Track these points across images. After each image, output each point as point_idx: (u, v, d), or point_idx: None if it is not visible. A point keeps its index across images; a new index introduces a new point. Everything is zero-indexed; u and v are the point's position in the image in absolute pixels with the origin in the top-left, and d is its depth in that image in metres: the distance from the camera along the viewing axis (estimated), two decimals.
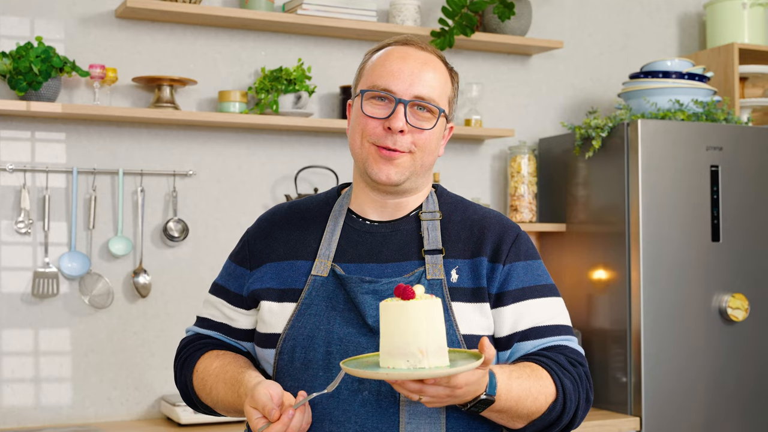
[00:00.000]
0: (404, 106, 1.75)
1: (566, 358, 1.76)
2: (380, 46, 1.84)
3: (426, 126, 1.77)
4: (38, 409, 3.21)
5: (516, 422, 1.70)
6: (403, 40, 1.83)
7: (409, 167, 1.78)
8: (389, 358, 1.51)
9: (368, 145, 1.77)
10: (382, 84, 1.76)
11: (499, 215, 1.88)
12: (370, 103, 1.78)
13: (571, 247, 3.79)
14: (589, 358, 3.64)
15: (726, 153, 3.60)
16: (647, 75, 3.75)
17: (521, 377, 1.67)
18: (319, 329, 1.72)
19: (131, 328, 3.32)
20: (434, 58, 1.81)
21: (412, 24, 3.66)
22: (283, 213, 1.90)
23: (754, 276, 3.61)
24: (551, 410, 1.70)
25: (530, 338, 1.77)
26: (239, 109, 3.40)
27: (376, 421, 1.67)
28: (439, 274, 1.75)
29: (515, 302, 1.77)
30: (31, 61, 3.07)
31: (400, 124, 1.74)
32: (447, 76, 1.83)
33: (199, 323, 1.95)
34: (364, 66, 1.84)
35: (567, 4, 4.15)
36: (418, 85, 1.76)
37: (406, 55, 1.79)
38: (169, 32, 3.43)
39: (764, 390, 3.61)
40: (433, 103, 1.77)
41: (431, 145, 1.79)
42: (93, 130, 3.32)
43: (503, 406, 1.64)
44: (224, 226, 3.47)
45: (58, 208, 3.26)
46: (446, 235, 1.81)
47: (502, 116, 3.99)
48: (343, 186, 1.94)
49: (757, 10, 4.13)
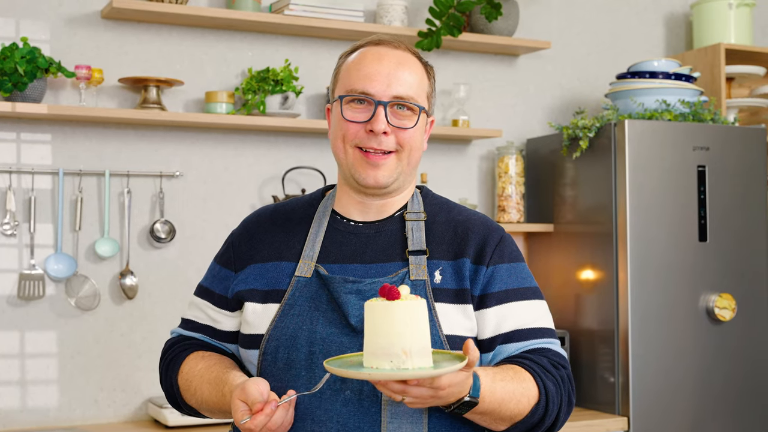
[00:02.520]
0: (384, 107, 1.75)
1: (549, 360, 1.76)
2: (353, 48, 1.84)
3: (408, 124, 1.77)
4: (24, 412, 3.19)
5: (499, 424, 1.70)
6: (375, 40, 1.83)
7: (395, 168, 1.78)
8: (373, 359, 1.51)
9: (352, 149, 1.78)
10: (359, 87, 1.76)
11: (484, 217, 1.88)
12: (349, 108, 1.78)
13: (559, 248, 3.80)
14: (577, 358, 3.65)
15: (713, 153, 3.60)
16: (634, 75, 3.75)
17: (505, 379, 1.67)
18: (302, 329, 1.73)
19: (118, 329, 3.31)
20: (408, 56, 1.81)
21: (399, 24, 3.66)
22: (268, 215, 1.91)
23: (741, 276, 3.62)
24: (534, 412, 1.70)
25: (513, 341, 1.77)
26: (226, 110, 3.39)
27: (358, 421, 1.67)
28: (423, 275, 1.76)
29: (498, 304, 1.77)
30: (16, 61, 3.05)
31: (382, 126, 1.74)
32: (423, 72, 1.83)
33: (183, 325, 1.94)
34: (339, 69, 1.84)
35: (554, 4, 4.16)
36: (395, 84, 1.76)
37: (380, 55, 1.79)
38: (155, 33, 3.42)
39: (751, 389, 3.62)
40: (413, 101, 1.77)
41: (416, 142, 1.80)
42: (79, 131, 3.30)
43: (486, 408, 1.64)
44: (211, 227, 3.46)
45: (44, 210, 3.25)
46: (430, 236, 1.81)
47: (489, 117, 3.99)
48: (328, 188, 1.95)
49: (744, 10, 4.14)
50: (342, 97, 1.78)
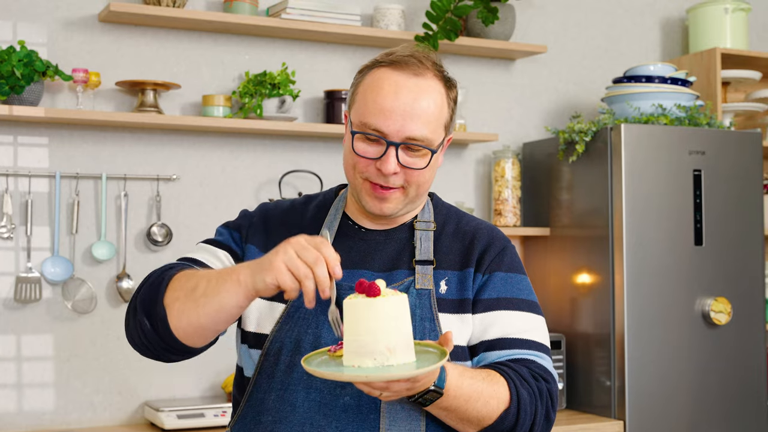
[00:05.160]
0: (396, 148, 1.70)
1: (530, 371, 1.71)
2: (373, 63, 1.77)
3: (419, 165, 1.73)
4: (21, 415, 3.19)
5: (466, 426, 1.66)
6: (397, 59, 1.73)
7: (402, 201, 1.76)
8: (355, 357, 1.47)
9: (361, 180, 1.75)
10: (372, 124, 1.70)
11: (492, 227, 1.86)
12: (361, 142, 1.73)
13: (555, 251, 3.80)
14: (573, 361, 3.65)
15: (708, 157, 3.61)
16: (630, 79, 3.76)
17: (474, 378, 1.63)
18: (307, 333, 1.72)
19: (114, 333, 3.31)
20: (429, 82, 1.73)
21: (396, 28, 3.66)
22: (283, 210, 1.88)
23: (736, 279, 3.63)
24: (503, 418, 1.65)
25: (496, 348, 1.73)
26: (223, 114, 3.39)
27: (357, 427, 1.66)
28: (428, 284, 1.75)
29: (485, 311, 1.76)
30: (13, 65, 3.05)
31: (392, 168, 1.70)
32: (443, 98, 1.75)
33: (185, 261, 1.78)
34: (356, 88, 1.77)
35: (550, 8, 4.16)
36: (410, 125, 1.69)
37: (398, 87, 1.70)
38: (152, 36, 3.42)
39: (747, 393, 3.63)
40: (426, 145, 1.71)
41: (425, 178, 1.75)
42: (76, 135, 3.30)
43: (451, 403, 1.61)
44: (208, 230, 3.46)
45: (40, 213, 3.24)
46: (438, 246, 1.80)
47: (485, 121, 4.00)
48: (341, 186, 1.93)
49: (739, 15, 4.15)
50: (354, 133, 1.73)
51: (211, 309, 1.57)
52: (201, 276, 1.61)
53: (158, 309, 1.62)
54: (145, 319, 1.64)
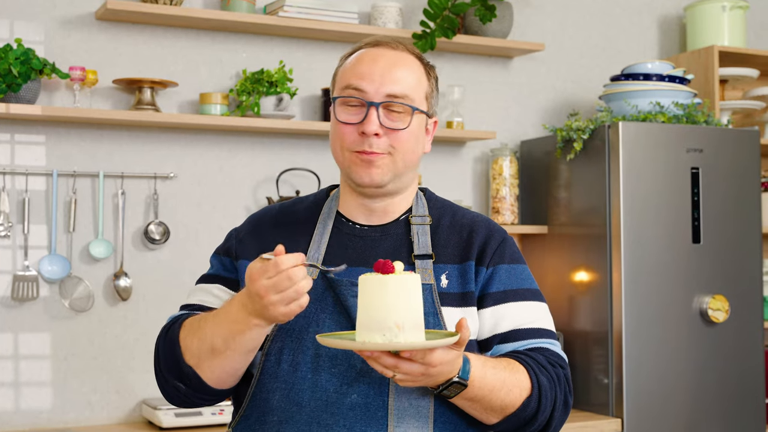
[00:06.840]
0: (376, 108, 1.73)
1: (546, 358, 1.75)
2: (353, 50, 1.83)
3: (400, 126, 1.75)
4: (18, 414, 3.18)
5: (490, 415, 1.68)
6: (374, 41, 1.81)
7: (390, 168, 1.76)
8: (365, 332, 1.50)
9: (348, 153, 1.76)
10: (353, 84, 1.75)
11: (488, 219, 1.87)
12: (343, 109, 1.76)
13: (553, 249, 3.80)
14: (571, 359, 3.65)
15: (706, 155, 3.61)
16: (628, 77, 3.76)
17: (496, 367, 1.65)
18: (308, 331, 1.72)
19: (112, 331, 3.31)
20: (406, 56, 1.79)
21: (393, 26, 3.66)
22: (273, 214, 1.89)
23: (734, 277, 3.63)
24: (526, 406, 1.68)
25: (510, 340, 1.76)
26: (220, 112, 3.39)
27: (365, 425, 1.66)
28: (429, 279, 1.75)
29: (495, 305, 1.77)
30: (10, 62, 3.05)
31: (373, 127, 1.72)
32: (422, 72, 1.80)
33: (186, 309, 1.83)
34: (337, 72, 1.83)
35: (548, 6, 4.16)
36: (389, 83, 1.74)
37: (376, 56, 1.77)
38: (149, 34, 3.42)
39: (745, 391, 3.63)
40: (406, 101, 1.75)
41: (410, 144, 1.77)
42: (73, 133, 3.30)
43: (476, 393, 1.62)
44: (206, 228, 3.46)
45: (37, 211, 3.24)
46: (436, 240, 1.80)
47: (483, 118, 4.00)
48: (332, 187, 1.93)
49: (737, 12, 4.15)
50: (335, 99, 1.77)
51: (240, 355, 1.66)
52: (203, 320, 1.68)
53: (186, 370, 1.69)
54: (179, 383, 1.72)
